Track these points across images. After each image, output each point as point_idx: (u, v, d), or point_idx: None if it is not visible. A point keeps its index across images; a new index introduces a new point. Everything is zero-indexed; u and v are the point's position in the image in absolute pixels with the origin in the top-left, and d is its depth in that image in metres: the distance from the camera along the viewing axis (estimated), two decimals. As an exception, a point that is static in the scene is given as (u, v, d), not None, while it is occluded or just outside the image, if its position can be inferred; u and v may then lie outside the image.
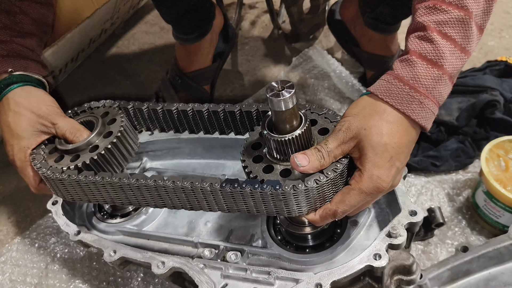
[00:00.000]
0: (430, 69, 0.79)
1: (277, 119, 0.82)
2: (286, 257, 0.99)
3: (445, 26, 0.79)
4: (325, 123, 0.92)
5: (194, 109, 1.08)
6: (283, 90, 0.78)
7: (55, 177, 1.00)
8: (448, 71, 0.80)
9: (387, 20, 1.56)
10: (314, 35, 2.04)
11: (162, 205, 0.98)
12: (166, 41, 2.16)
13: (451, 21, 0.78)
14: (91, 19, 1.73)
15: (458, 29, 0.79)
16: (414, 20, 0.83)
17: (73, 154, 1.03)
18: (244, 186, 0.85)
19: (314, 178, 0.82)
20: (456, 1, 0.78)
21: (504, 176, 1.25)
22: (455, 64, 0.80)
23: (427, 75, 0.79)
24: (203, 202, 0.92)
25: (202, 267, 0.99)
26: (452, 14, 0.78)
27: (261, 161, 0.90)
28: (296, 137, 0.83)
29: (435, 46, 0.79)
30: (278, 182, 0.83)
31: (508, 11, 2.07)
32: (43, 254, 1.41)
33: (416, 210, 0.96)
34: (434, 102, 0.81)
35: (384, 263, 0.90)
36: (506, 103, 1.50)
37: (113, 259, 1.04)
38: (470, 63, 1.82)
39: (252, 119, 1.04)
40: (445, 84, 0.81)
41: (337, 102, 1.72)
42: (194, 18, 1.58)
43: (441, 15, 0.79)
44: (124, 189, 0.97)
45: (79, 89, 2.02)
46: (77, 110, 1.14)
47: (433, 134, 1.50)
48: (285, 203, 0.84)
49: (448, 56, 0.79)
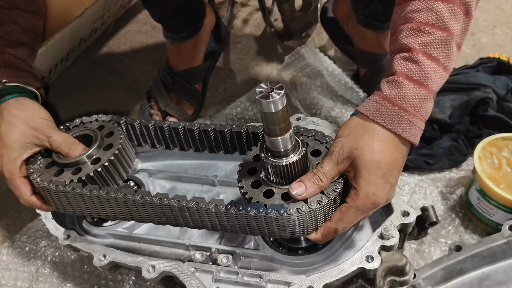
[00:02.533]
0: (417, 89, 0.82)
1: (266, 121, 0.81)
2: (278, 259, 0.99)
3: (430, 47, 0.82)
4: (315, 144, 0.95)
5: (185, 127, 1.11)
6: (272, 91, 0.76)
7: (59, 190, 1.00)
8: (433, 89, 0.84)
9: (379, 18, 1.55)
10: (306, 33, 2.03)
11: (165, 222, 1.00)
12: (158, 40, 2.14)
13: (435, 42, 0.82)
14: (80, 18, 1.71)
15: (441, 49, 0.83)
16: (398, 41, 0.85)
17: (74, 168, 1.04)
18: (249, 209, 0.87)
19: (317, 199, 0.85)
20: (439, 23, 0.82)
21: (497, 174, 1.25)
22: (438, 83, 0.84)
23: (414, 95, 0.82)
24: (207, 222, 0.95)
25: (193, 270, 0.98)
26: (435, 36, 0.82)
27: (260, 186, 0.91)
28: (293, 162, 0.86)
29: (420, 67, 0.82)
30: (282, 206, 0.85)
31: (501, 7, 2.06)
32: (34, 257, 1.39)
33: (408, 210, 0.95)
34: (422, 119, 0.85)
35: (377, 265, 0.90)
36: (499, 100, 1.49)
37: (103, 264, 1.02)
38: (463, 60, 1.82)
39: (241, 139, 1.08)
40: (430, 101, 0.85)
41: (330, 101, 1.71)
42: (183, 16, 1.56)
43: (426, 37, 0.82)
44: (128, 205, 0.98)
45: (70, 89, 1.99)
46: (69, 125, 1.14)
47: (426, 132, 1.50)
48: (289, 225, 0.87)
49: (433, 76, 0.83)
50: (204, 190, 1.21)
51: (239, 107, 1.75)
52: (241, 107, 1.74)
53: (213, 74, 1.83)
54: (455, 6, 0.82)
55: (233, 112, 1.73)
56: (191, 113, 1.74)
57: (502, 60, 1.61)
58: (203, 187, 1.22)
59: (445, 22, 0.81)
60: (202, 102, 1.78)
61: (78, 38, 1.89)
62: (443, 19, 0.81)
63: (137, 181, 1.22)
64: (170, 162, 1.27)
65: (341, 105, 1.69)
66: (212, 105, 1.83)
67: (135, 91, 1.93)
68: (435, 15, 0.82)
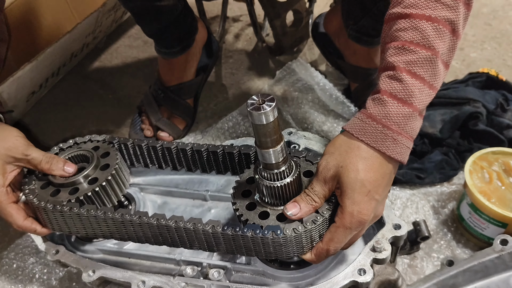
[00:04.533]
0: (401, 107, 0.82)
1: (258, 133, 0.81)
2: (270, 274, 0.98)
3: (414, 66, 0.82)
4: (307, 165, 0.97)
5: (178, 147, 1.13)
6: (263, 103, 0.77)
7: (56, 210, 1.00)
8: (418, 107, 0.83)
9: (370, 33, 1.57)
10: (298, 48, 2.04)
11: (161, 242, 1.00)
12: (150, 55, 2.15)
13: (419, 61, 0.82)
14: (72, 33, 1.71)
15: (426, 68, 0.82)
16: (384, 60, 0.85)
17: (70, 188, 1.04)
18: (245, 230, 0.88)
19: (312, 219, 0.86)
20: (424, 42, 0.82)
21: (488, 188, 1.25)
22: (424, 101, 0.84)
23: (398, 113, 0.82)
24: (203, 242, 0.95)
25: (183, 286, 0.97)
26: (420, 54, 0.82)
27: (255, 208, 0.92)
28: (288, 183, 0.87)
29: (404, 85, 0.82)
30: (278, 227, 0.86)
31: (490, 22, 2.09)
32: (22, 274, 1.36)
33: (400, 223, 0.95)
34: (407, 137, 0.84)
35: (369, 278, 0.89)
36: (488, 114, 1.50)
37: (92, 279, 1.01)
38: (453, 75, 1.84)
39: (233, 160, 1.10)
40: (415, 119, 0.84)
41: (322, 115, 1.71)
42: (175, 32, 1.56)
43: (410, 55, 0.82)
44: (125, 225, 0.99)
45: (61, 104, 1.99)
46: (62, 146, 1.14)
47: (417, 146, 1.50)
48: (285, 246, 0.87)
49: (418, 94, 0.82)
50: (196, 205, 1.20)
51: (231, 121, 1.74)
52: (233, 122, 1.74)
53: (204, 89, 1.83)
54: (440, 25, 0.82)
55: (225, 126, 1.73)
56: (183, 127, 1.74)
57: (491, 75, 1.63)
58: (194, 201, 1.21)
59: (429, 41, 0.82)
60: (193, 117, 1.78)
61: (69, 52, 1.88)
62: (427, 38, 0.82)
63: (128, 196, 1.21)
64: (161, 177, 1.26)
65: (333, 120, 1.70)
66: (203, 119, 1.82)
67: (126, 106, 1.93)
68: (419, 34, 0.82)
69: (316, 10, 2.02)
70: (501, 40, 2.00)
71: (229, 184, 1.24)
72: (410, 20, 0.83)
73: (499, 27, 2.07)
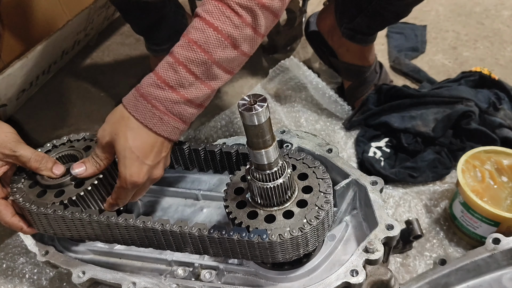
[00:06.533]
0: (170, 93, 0.93)
1: (250, 134, 0.81)
2: (263, 274, 0.98)
3: (191, 63, 0.92)
4: (303, 168, 0.97)
5: (176, 146, 1.11)
6: (255, 104, 0.76)
7: (40, 212, 0.98)
8: (187, 97, 0.94)
9: (364, 31, 1.57)
10: (291, 47, 2.03)
11: (147, 245, 0.99)
12: (142, 53, 2.13)
13: (196, 60, 0.92)
14: (63, 30, 1.69)
15: (201, 68, 0.92)
16: (174, 46, 0.94)
17: (56, 190, 1.01)
18: (231, 234, 0.88)
19: (299, 227, 0.86)
20: (205, 46, 0.91)
21: (480, 187, 1.25)
22: (195, 93, 0.94)
23: (166, 98, 0.93)
24: (190, 245, 0.95)
25: (175, 287, 0.96)
26: (198, 55, 0.91)
27: (245, 207, 0.92)
28: (279, 184, 0.87)
29: (178, 76, 0.92)
30: (265, 231, 0.86)
31: (482, 22, 2.10)
32: (11, 275, 1.35)
33: (393, 224, 0.95)
34: (176, 119, 0.95)
35: (362, 279, 0.89)
36: (481, 113, 1.51)
37: (82, 281, 1.00)
38: (445, 73, 1.84)
39: (231, 159, 1.09)
40: (185, 105, 0.95)
41: (315, 114, 1.71)
42: (164, 29, 1.55)
43: (191, 53, 0.92)
44: (110, 228, 0.98)
45: (52, 102, 1.97)
46: (55, 143, 1.11)
47: (410, 145, 1.50)
48: (270, 251, 0.88)
49: (188, 86, 0.93)
50: (188, 204, 1.19)
51: (224, 120, 1.74)
52: (226, 120, 1.73)
53: (197, 87, 1.82)
54: (223, 38, 0.91)
55: (218, 125, 1.72)
56: (175, 126, 1.73)
57: (484, 74, 1.64)
58: (186, 201, 1.20)
59: (209, 47, 0.91)
60: (186, 115, 1.77)
61: (60, 50, 1.86)
62: (208, 44, 0.91)
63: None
64: (153, 176, 1.25)
65: (326, 118, 1.70)
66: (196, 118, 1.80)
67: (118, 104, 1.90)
68: (204, 38, 0.91)
69: (309, 9, 2.01)
70: (494, 39, 2.00)
71: (221, 183, 1.24)
72: (202, 23, 0.91)
73: (492, 26, 2.07)
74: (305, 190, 0.93)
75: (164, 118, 0.94)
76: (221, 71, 0.95)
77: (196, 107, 0.97)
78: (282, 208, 0.90)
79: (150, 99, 0.93)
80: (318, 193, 0.92)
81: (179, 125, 0.97)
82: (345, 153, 1.57)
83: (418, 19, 2.13)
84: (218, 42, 0.91)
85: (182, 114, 0.96)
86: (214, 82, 0.96)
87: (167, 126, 0.95)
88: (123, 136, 0.93)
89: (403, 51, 1.96)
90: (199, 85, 0.94)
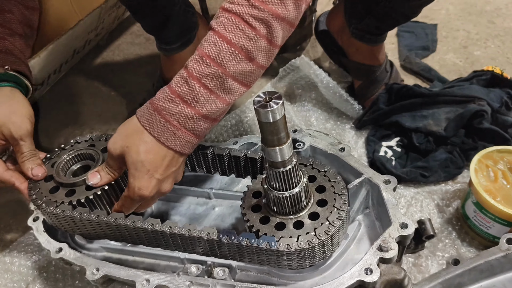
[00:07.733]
0: (185, 108, 0.92)
1: (264, 131, 0.81)
2: (276, 273, 0.97)
3: (205, 77, 0.91)
4: (323, 181, 0.98)
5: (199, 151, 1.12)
6: (270, 101, 0.76)
7: (49, 211, 1.01)
8: (201, 112, 0.93)
9: (372, 31, 1.57)
10: (301, 46, 2.03)
11: (156, 245, 1.01)
12: (152, 52, 2.14)
13: (210, 74, 0.91)
14: (74, 30, 1.71)
15: (215, 82, 0.91)
16: (189, 60, 0.93)
17: (68, 189, 1.04)
18: (240, 239, 0.90)
19: (307, 240, 0.87)
20: (218, 60, 0.90)
21: (493, 187, 1.25)
22: (209, 108, 0.93)
23: (181, 113, 0.92)
24: (198, 248, 0.96)
25: (188, 284, 0.96)
26: (212, 69, 0.90)
27: (259, 211, 0.94)
28: (294, 194, 0.88)
29: (192, 91, 0.91)
30: (273, 238, 0.87)
31: (493, 20, 2.08)
32: (24, 273, 1.35)
33: (407, 222, 0.94)
34: (189, 134, 0.95)
35: (376, 277, 0.88)
36: (493, 113, 1.49)
37: (96, 277, 1.00)
38: (457, 72, 1.83)
39: (239, 163, 1.10)
40: (199, 121, 0.94)
41: (325, 113, 1.71)
42: (174, 28, 1.55)
43: (204, 67, 0.91)
44: (119, 229, 1.00)
45: (63, 101, 1.98)
46: (78, 140, 1.15)
47: (422, 144, 1.50)
48: (277, 258, 0.89)
49: (202, 101, 0.92)
50: (200, 203, 1.19)
51: (234, 119, 1.74)
52: (236, 119, 1.73)
53: (207, 86, 1.82)
54: (236, 51, 0.90)
55: (228, 124, 1.72)
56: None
57: (495, 73, 1.62)
58: (198, 199, 1.20)
59: (223, 61, 0.90)
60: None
61: (71, 49, 1.87)
62: (222, 58, 0.90)
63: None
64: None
65: (336, 117, 1.69)
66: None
67: (128, 103, 1.92)
68: (217, 51, 0.90)
69: (318, 8, 2.01)
70: (505, 38, 1.99)
71: (233, 182, 1.24)
72: (215, 36, 0.90)
73: (503, 25, 2.06)
74: (320, 203, 0.94)
75: (177, 133, 0.94)
76: (236, 84, 0.94)
77: (210, 122, 0.97)
78: (294, 218, 0.91)
79: (164, 113, 0.93)
80: (332, 208, 0.92)
81: (192, 139, 0.96)
82: (355, 152, 1.57)
83: (429, 18, 2.12)
84: (231, 55, 0.90)
85: (195, 129, 0.95)
86: (229, 96, 0.94)
87: (180, 141, 0.95)
88: (135, 149, 0.94)
89: (413, 50, 1.95)
90: (214, 99, 0.93)
